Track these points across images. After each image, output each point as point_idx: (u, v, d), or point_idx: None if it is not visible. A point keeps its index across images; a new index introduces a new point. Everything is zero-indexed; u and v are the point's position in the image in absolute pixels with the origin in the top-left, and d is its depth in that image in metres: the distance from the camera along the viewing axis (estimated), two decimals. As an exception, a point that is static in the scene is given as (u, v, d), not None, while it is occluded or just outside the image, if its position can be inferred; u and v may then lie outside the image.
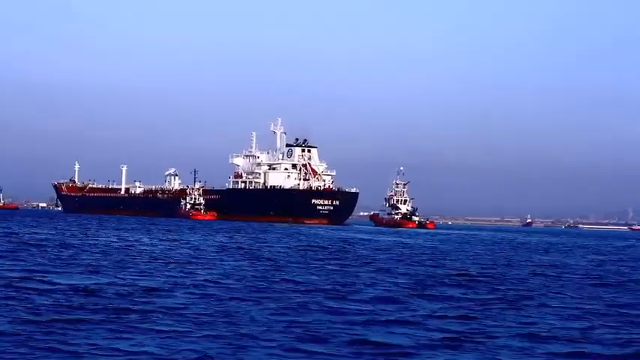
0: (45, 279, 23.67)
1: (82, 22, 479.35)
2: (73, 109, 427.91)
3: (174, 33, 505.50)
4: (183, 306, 18.92)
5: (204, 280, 25.12)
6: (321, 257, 40.30)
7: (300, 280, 26.66)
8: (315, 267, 33.04)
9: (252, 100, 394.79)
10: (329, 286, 24.69)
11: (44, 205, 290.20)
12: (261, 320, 17.05)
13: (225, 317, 17.38)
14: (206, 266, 31.16)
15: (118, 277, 25.18)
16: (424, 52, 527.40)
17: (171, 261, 33.22)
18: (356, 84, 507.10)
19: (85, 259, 32.34)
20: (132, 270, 28.25)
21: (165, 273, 27.49)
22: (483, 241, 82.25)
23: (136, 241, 50.38)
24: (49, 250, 37.51)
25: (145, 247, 43.13)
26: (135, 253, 37.43)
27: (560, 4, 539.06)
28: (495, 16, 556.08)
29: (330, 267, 33.27)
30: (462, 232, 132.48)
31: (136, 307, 18.30)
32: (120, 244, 45.91)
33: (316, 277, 27.93)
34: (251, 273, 28.60)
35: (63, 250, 38.07)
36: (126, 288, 22.19)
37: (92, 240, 49.03)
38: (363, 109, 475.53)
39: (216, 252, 41.09)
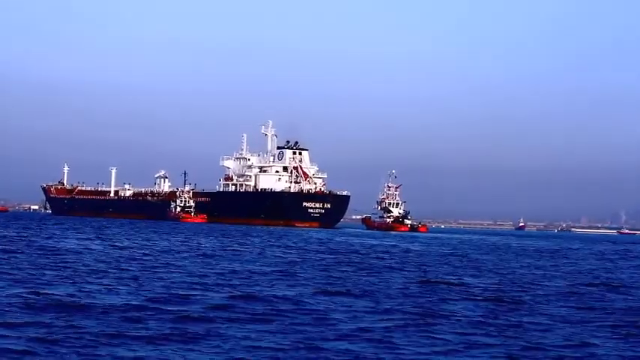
0: None
1: (82, 22, 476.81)
2: (68, 109, 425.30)
3: (170, 33, 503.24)
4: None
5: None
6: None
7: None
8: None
9: (244, 102, 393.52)
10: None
11: (36, 207, 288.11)
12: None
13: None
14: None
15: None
16: (424, 52, 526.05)
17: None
18: (353, 85, 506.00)
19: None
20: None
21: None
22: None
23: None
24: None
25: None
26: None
27: (560, 4, 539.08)
28: (495, 16, 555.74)
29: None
30: (477, 236, 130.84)
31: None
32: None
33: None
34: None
35: None
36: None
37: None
38: (357, 110, 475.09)
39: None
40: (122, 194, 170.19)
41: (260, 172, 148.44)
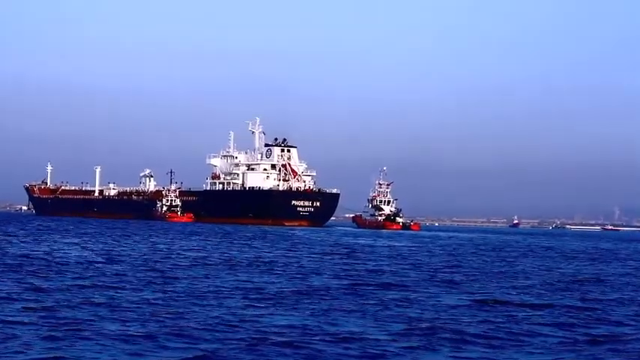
0: None
1: (65, 22, 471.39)
2: (53, 109, 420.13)
3: (159, 34, 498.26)
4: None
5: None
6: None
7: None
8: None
9: (231, 100, 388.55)
10: None
11: (26, 207, 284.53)
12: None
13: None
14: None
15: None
16: (423, 52, 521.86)
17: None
18: (345, 83, 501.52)
19: None
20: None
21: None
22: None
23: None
24: None
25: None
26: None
27: (561, 4, 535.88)
28: (495, 16, 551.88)
29: None
30: (494, 236, 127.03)
31: None
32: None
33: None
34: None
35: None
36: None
37: None
38: (348, 108, 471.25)
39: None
40: (107, 194, 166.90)
41: (248, 170, 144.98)
